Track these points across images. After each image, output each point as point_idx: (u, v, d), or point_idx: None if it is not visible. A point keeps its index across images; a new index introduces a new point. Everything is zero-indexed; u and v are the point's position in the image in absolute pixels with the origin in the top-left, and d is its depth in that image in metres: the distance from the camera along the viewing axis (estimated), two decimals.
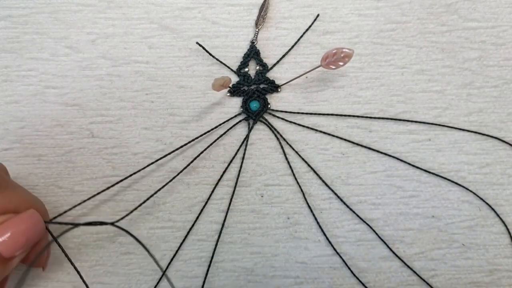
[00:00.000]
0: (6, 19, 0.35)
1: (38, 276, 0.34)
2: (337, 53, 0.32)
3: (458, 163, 0.35)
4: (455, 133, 0.35)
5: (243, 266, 0.34)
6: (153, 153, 0.35)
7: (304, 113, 0.35)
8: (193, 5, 0.36)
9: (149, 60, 0.36)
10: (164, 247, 0.34)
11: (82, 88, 0.35)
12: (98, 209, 0.34)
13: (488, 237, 0.34)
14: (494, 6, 0.37)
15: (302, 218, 0.35)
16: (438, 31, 0.36)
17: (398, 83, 0.36)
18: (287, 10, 0.36)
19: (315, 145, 0.35)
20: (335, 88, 0.36)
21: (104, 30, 0.36)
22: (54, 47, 0.35)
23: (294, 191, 0.35)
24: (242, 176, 0.35)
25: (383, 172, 0.35)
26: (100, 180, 0.35)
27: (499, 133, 0.35)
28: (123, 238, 0.34)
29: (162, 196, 0.35)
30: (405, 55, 0.36)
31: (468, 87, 0.36)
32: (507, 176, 0.35)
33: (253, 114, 0.35)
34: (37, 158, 0.35)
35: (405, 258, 0.34)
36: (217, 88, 0.32)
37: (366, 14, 0.36)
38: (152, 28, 0.36)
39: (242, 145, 0.35)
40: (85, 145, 0.35)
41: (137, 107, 0.35)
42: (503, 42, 0.36)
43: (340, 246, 0.34)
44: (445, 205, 0.35)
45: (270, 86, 0.36)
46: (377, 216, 0.35)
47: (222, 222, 0.34)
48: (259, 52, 0.36)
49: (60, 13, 0.36)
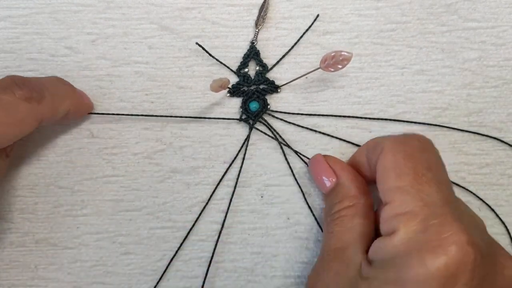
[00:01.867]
0: (6, 19, 0.35)
1: (38, 276, 0.34)
2: (336, 56, 0.32)
3: (458, 164, 0.35)
4: (455, 134, 0.35)
5: (243, 266, 0.34)
6: (153, 153, 0.35)
7: (304, 113, 0.35)
8: (193, 5, 0.36)
9: (149, 61, 0.35)
10: (164, 247, 0.34)
11: (82, 88, 0.35)
12: (98, 209, 0.34)
13: None
14: (494, 6, 0.37)
15: (303, 218, 0.35)
16: (438, 31, 0.36)
17: (398, 83, 0.36)
18: (287, 10, 0.36)
19: (315, 146, 0.35)
20: (335, 88, 0.36)
21: (104, 31, 0.36)
22: (54, 48, 0.35)
23: (294, 191, 0.35)
24: (242, 177, 0.35)
25: None
26: (100, 180, 0.35)
27: (499, 133, 0.35)
28: (123, 238, 0.34)
29: (162, 196, 0.35)
30: (405, 55, 0.36)
31: (468, 87, 0.36)
32: (507, 176, 0.35)
33: (253, 115, 0.35)
34: (37, 158, 0.35)
35: None
36: (216, 90, 0.32)
37: (366, 14, 0.36)
38: (152, 28, 0.36)
39: (242, 145, 0.35)
40: (85, 145, 0.35)
41: (137, 107, 0.35)
42: (503, 42, 0.36)
43: None
44: None
45: (270, 87, 0.35)
46: None
47: (222, 222, 0.34)
48: (259, 53, 0.36)
49: (60, 14, 0.36)
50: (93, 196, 0.34)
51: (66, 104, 0.31)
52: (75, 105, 0.32)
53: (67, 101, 0.31)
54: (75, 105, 0.32)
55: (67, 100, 0.31)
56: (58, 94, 0.30)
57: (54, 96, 0.30)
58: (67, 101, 0.31)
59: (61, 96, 0.31)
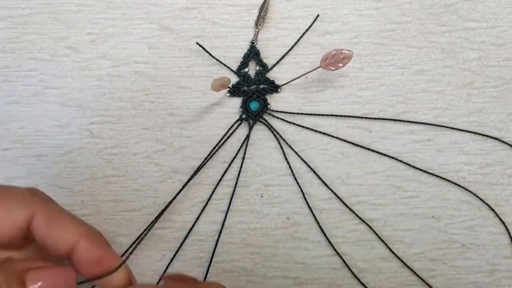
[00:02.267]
0: (6, 19, 0.36)
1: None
2: (337, 55, 0.32)
3: (458, 164, 0.35)
4: (455, 134, 0.35)
5: (243, 266, 0.34)
6: (153, 153, 0.35)
7: (304, 113, 0.35)
8: (193, 5, 0.36)
9: (149, 61, 0.36)
10: (164, 247, 0.34)
11: (82, 88, 0.35)
12: (98, 209, 0.34)
13: (488, 237, 0.34)
14: (494, 6, 0.37)
15: (302, 219, 0.35)
16: (438, 31, 0.36)
17: (398, 83, 0.36)
18: (287, 11, 0.36)
19: (315, 146, 0.35)
20: (335, 88, 0.36)
21: (104, 31, 0.36)
22: (54, 48, 0.35)
23: (294, 191, 0.35)
24: (242, 176, 0.35)
25: (383, 173, 0.35)
26: (100, 180, 0.35)
27: (499, 133, 0.35)
28: (123, 238, 0.34)
29: (162, 196, 0.35)
30: (405, 55, 0.36)
31: (468, 87, 0.36)
32: (507, 176, 0.35)
33: (253, 115, 0.35)
34: (37, 158, 0.35)
35: (405, 258, 0.34)
36: (216, 89, 0.32)
37: (366, 14, 0.36)
38: (152, 28, 0.36)
39: (242, 145, 0.35)
40: (85, 145, 0.35)
41: (136, 107, 0.35)
42: (503, 42, 0.36)
43: (340, 247, 0.34)
44: (445, 206, 0.35)
45: (270, 87, 0.36)
46: (377, 216, 0.35)
47: (222, 222, 0.34)
48: (259, 53, 0.36)
49: (60, 14, 0.36)
50: (93, 196, 0.34)
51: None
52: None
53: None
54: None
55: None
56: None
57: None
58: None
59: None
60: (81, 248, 0.26)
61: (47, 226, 0.26)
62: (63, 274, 0.25)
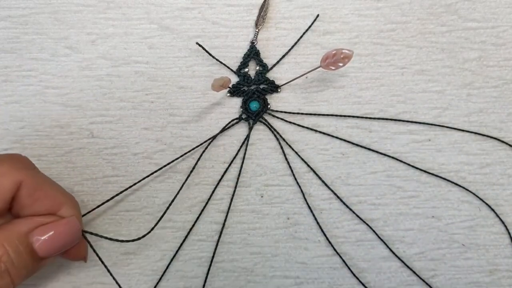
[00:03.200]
0: (6, 19, 0.36)
1: (38, 276, 0.34)
2: (337, 54, 0.32)
3: (458, 164, 0.35)
4: (455, 134, 0.35)
5: (243, 266, 0.34)
6: (153, 153, 0.35)
7: (304, 113, 0.35)
8: (193, 5, 0.36)
9: (149, 61, 0.36)
10: (164, 247, 0.34)
11: (82, 88, 0.35)
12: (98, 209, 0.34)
13: (488, 237, 0.34)
14: (494, 6, 0.37)
15: (302, 219, 0.35)
16: (438, 31, 0.36)
17: (398, 83, 0.36)
18: (287, 10, 0.36)
19: (315, 146, 0.35)
20: (335, 88, 0.36)
21: (104, 31, 0.36)
22: (54, 48, 0.35)
23: (294, 191, 0.35)
24: (242, 176, 0.35)
25: (383, 172, 0.35)
26: (100, 181, 0.35)
27: (499, 133, 0.35)
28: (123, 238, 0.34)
29: (162, 196, 0.35)
30: (405, 55, 0.36)
31: (468, 87, 0.36)
32: (507, 176, 0.35)
33: (253, 115, 0.35)
34: (37, 158, 0.35)
35: (405, 258, 0.34)
36: (217, 89, 0.32)
37: (366, 14, 0.36)
38: (152, 28, 0.36)
39: (242, 145, 0.35)
40: (85, 145, 0.35)
41: (137, 107, 0.35)
42: (503, 42, 0.36)
43: (340, 247, 0.34)
44: (445, 205, 0.35)
45: (270, 87, 0.36)
46: (377, 216, 0.35)
47: (222, 222, 0.34)
48: (259, 53, 0.36)
49: (60, 14, 0.36)
50: (93, 196, 0.34)
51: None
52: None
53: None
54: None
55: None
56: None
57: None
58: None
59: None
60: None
61: (31, 195, 0.28)
62: (70, 225, 0.28)
